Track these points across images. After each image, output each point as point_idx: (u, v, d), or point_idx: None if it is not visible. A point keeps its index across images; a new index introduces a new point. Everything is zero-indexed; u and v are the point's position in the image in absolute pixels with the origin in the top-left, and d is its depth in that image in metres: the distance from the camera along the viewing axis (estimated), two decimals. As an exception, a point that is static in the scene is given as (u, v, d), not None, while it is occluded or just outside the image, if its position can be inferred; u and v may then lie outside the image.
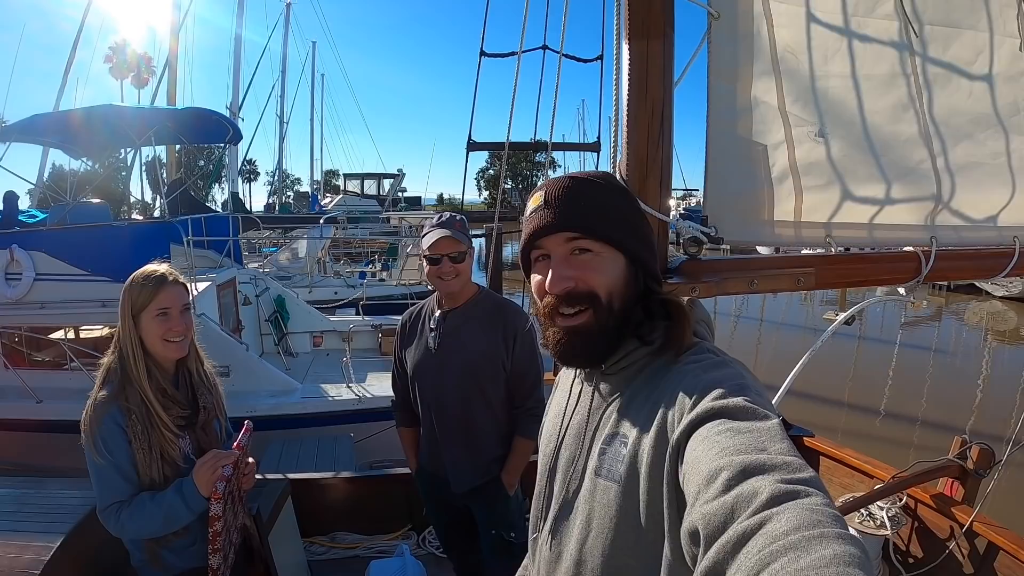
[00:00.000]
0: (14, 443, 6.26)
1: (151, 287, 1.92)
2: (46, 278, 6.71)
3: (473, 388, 2.50)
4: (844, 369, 11.88)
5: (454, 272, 2.46)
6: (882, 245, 1.92)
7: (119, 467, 1.83)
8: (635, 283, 1.09)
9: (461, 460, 2.57)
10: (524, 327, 2.53)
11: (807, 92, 1.85)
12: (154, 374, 1.93)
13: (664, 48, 1.85)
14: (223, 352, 6.32)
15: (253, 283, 8.89)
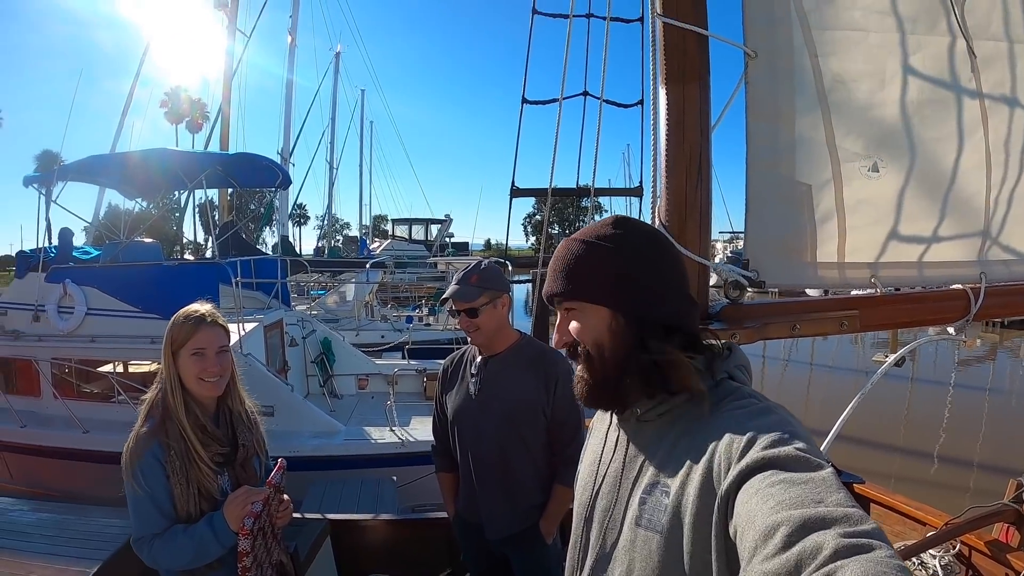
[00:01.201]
0: (59, 470, 6.39)
1: (189, 327, 1.97)
2: (97, 313, 6.92)
3: (512, 434, 2.47)
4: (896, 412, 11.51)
5: (473, 326, 2.47)
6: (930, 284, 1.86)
7: (156, 500, 1.86)
8: (628, 332, 1.10)
9: (498, 507, 2.53)
10: (566, 374, 2.48)
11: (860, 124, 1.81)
12: (193, 410, 1.96)
13: (700, 92, 1.85)
14: (268, 392, 6.39)
15: (300, 325, 8.98)
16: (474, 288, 2.43)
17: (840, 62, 1.78)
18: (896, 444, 9.94)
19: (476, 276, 2.47)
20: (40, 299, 7.27)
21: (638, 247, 1.13)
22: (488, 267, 2.53)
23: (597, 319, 1.11)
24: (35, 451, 6.67)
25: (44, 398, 7.04)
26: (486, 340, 2.51)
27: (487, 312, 2.45)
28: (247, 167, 8.93)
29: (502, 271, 2.60)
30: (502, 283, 2.53)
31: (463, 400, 2.57)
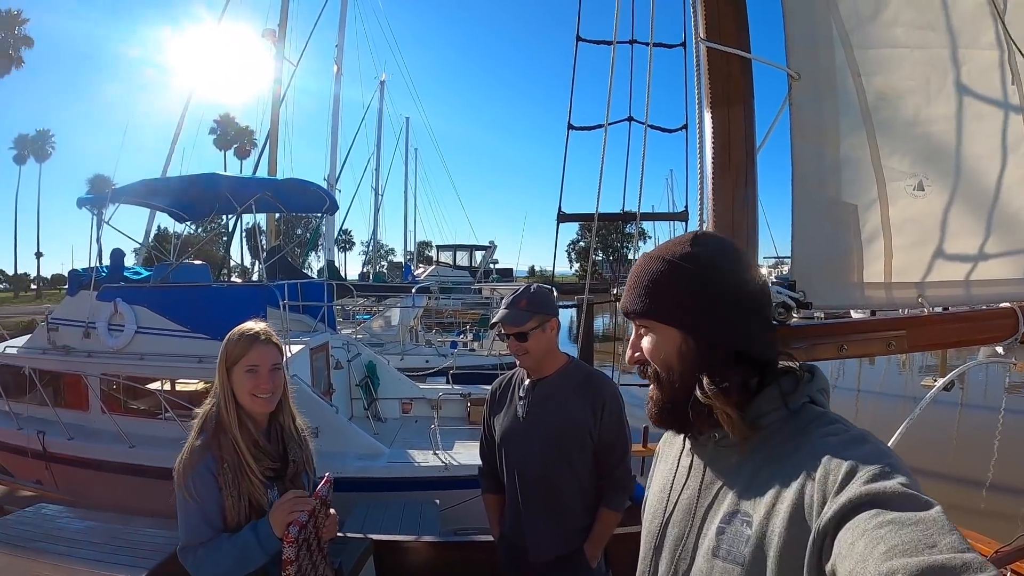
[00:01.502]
0: (104, 483, 6.53)
1: (244, 344, 2.01)
2: (147, 331, 7.13)
3: (559, 457, 2.47)
4: (945, 438, 11.22)
5: (522, 350, 2.50)
6: (979, 303, 1.83)
7: (205, 511, 1.89)
8: (698, 356, 1.06)
9: (543, 529, 2.52)
10: (613, 397, 2.50)
11: (905, 142, 1.80)
12: (246, 425, 2.01)
13: (745, 114, 1.86)
14: (313, 413, 6.35)
15: (345, 348, 9.09)
16: (523, 312, 2.47)
17: (884, 80, 1.77)
18: (945, 471, 9.66)
19: (525, 300, 2.51)
20: (91, 316, 7.51)
21: (713, 268, 1.09)
22: (537, 291, 2.56)
23: (667, 340, 1.09)
24: (82, 463, 6.84)
25: (92, 412, 7.25)
26: (535, 363, 2.53)
27: (536, 336, 2.48)
28: (295, 192, 9.11)
29: (551, 295, 2.62)
30: (551, 307, 2.55)
31: (511, 422, 2.59)
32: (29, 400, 7.72)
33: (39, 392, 7.36)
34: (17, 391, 7.91)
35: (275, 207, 9.82)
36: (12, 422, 7.53)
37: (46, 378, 7.58)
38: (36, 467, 7.11)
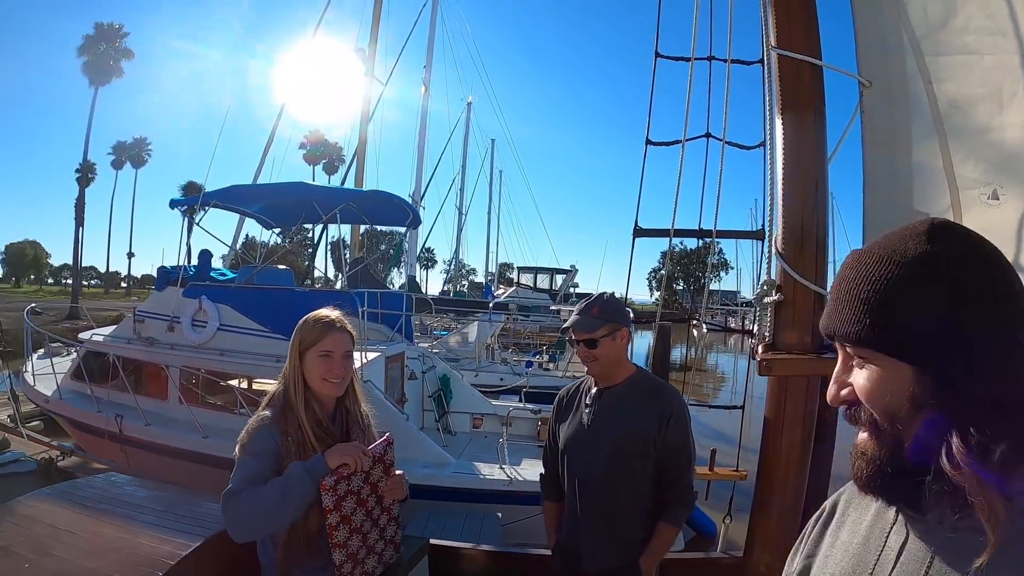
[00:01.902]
0: (175, 469, 6.77)
1: (320, 329, 2.09)
2: (228, 329, 7.44)
3: (621, 466, 2.44)
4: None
5: (591, 357, 2.48)
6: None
7: (261, 469, 1.94)
8: (942, 404, 0.74)
9: (599, 538, 2.49)
10: (680, 409, 2.46)
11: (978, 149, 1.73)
12: (312, 406, 2.07)
13: (816, 121, 1.83)
14: (383, 419, 6.43)
15: (421, 360, 9.20)
16: (595, 319, 2.46)
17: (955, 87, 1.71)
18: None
19: (598, 308, 2.49)
20: (176, 311, 7.91)
21: (970, 275, 0.75)
22: (610, 299, 2.55)
23: (895, 377, 0.77)
24: (155, 448, 7.14)
25: (170, 402, 7.58)
26: (603, 371, 2.51)
27: (606, 344, 2.46)
28: (379, 204, 9.34)
29: (623, 305, 2.60)
30: (623, 316, 2.53)
31: (575, 430, 2.58)
32: (111, 385, 8.12)
33: (121, 379, 7.73)
34: (100, 376, 8.35)
35: (359, 218, 10.10)
36: (93, 405, 7.95)
37: (129, 366, 7.96)
38: (111, 448, 7.46)
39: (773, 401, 2.14)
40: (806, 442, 2.11)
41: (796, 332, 2.07)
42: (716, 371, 29.05)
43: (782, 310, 2.08)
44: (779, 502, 2.17)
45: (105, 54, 42.75)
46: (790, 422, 2.11)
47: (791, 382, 2.10)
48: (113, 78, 43.61)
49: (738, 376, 26.03)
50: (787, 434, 2.12)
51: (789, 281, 2.01)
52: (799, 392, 2.10)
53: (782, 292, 2.03)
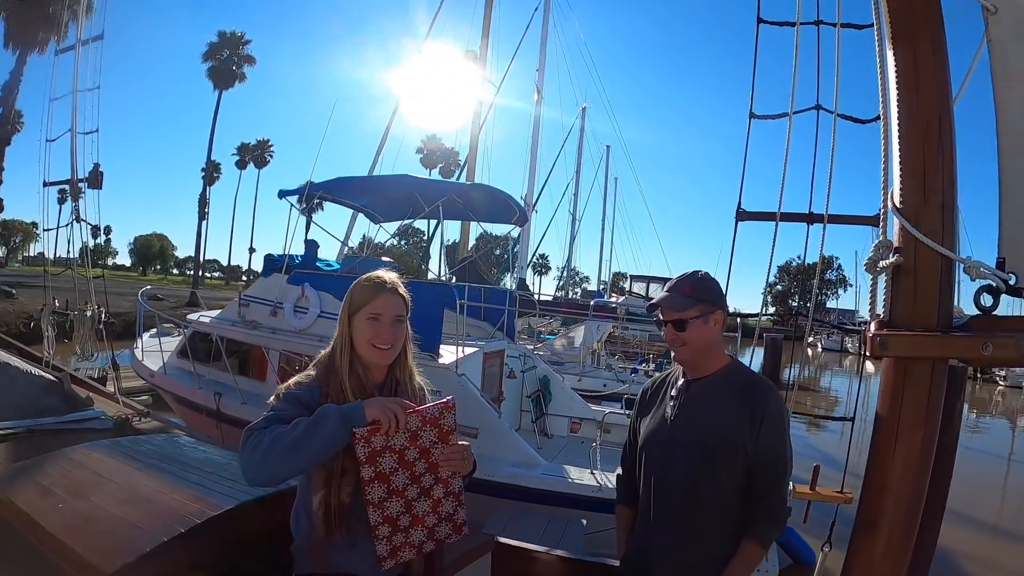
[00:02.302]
0: None
1: (370, 290, 1.96)
2: (329, 316, 7.44)
3: (704, 469, 2.13)
4: None
5: (679, 340, 2.21)
6: None
7: (288, 414, 1.78)
8: None
9: (671, 552, 2.18)
10: (777, 410, 2.13)
11: None
12: (356, 372, 1.94)
13: (934, 49, 1.53)
14: (476, 414, 6.45)
15: (521, 359, 9.04)
16: (686, 298, 2.20)
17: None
18: None
19: (690, 285, 2.23)
20: (280, 297, 8.12)
21: None
22: (705, 277, 2.28)
23: None
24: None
25: (268, 383, 7.69)
26: (691, 358, 2.24)
27: (696, 327, 2.19)
28: (484, 199, 9.29)
29: (720, 286, 2.30)
30: (718, 297, 2.25)
31: (657, 425, 2.30)
32: (212, 365, 8.49)
33: (223, 359, 8.00)
34: (204, 355, 8.73)
35: (465, 214, 10.04)
36: (194, 381, 8.30)
37: (231, 347, 8.25)
38: (208, 424, 7.71)
39: (888, 392, 1.73)
40: (928, 445, 1.69)
41: (919, 303, 1.65)
42: (828, 393, 27.60)
43: (901, 277, 1.66)
44: (888, 525, 1.76)
45: (228, 60, 45.48)
46: (909, 419, 1.70)
47: (912, 367, 1.68)
48: (236, 83, 46.21)
49: (853, 394, 24.57)
50: (905, 435, 1.71)
51: (909, 241, 1.61)
52: (922, 380, 1.67)
53: (901, 254, 1.63)
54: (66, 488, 2.38)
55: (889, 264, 1.64)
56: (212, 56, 45.47)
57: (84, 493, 2.33)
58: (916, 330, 1.63)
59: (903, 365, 1.68)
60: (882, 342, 1.67)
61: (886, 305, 1.71)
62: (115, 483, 2.45)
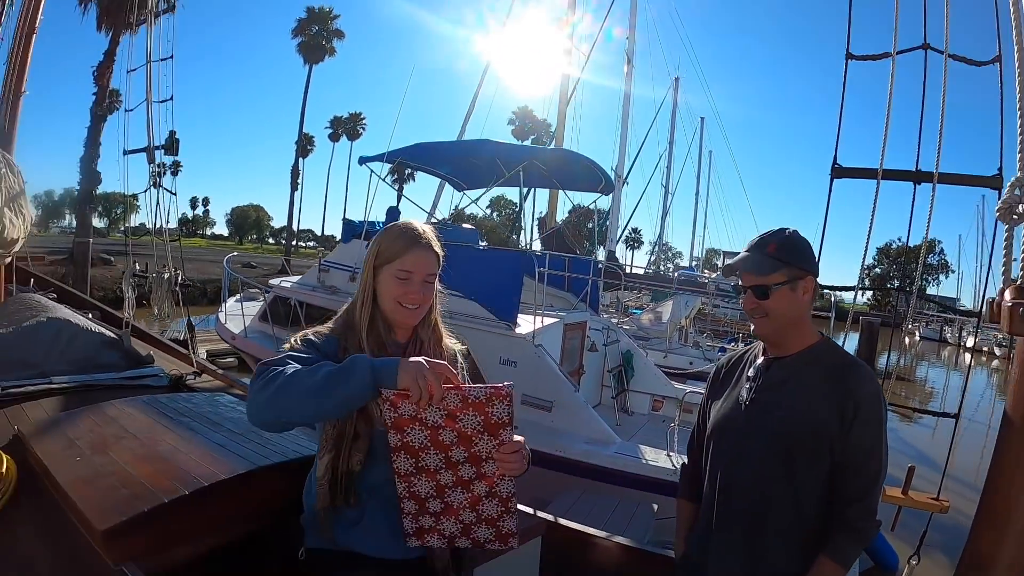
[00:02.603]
0: None
1: (401, 244, 1.77)
2: None
3: (780, 465, 1.79)
4: None
5: (760, 310, 1.84)
6: None
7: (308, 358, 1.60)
8: None
9: (732, 558, 1.85)
10: (872, 399, 1.74)
11: None
12: (377, 328, 1.79)
13: None
14: (550, 387, 6.23)
15: (604, 332, 8.75)
16: (770, 259, 1.83)
17: None
18: None
19: (775, 244, 1.84)
20: (358, 263, 7.96)
21: None
22: (793, 235, 1.88)
23: None
24: None
25: None
26: (774, 332, 1.88)
27: (781, 294, 1.82)
28: (568, 165, 8.95)
29: (811, 247, 1.89)
30: (809, 260, 1.86)
31: (730, 409, 1.95)
32: (291, 329, 8.39)
33: (302, 323, 7.98)
34: (283, 319, 8.80)
35: (549, 181, 9.72)
36: (272, 344, 8.35)
37: (310, 312, 8.25)
38: None
39: (1021, 386, 1.30)
40: None
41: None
42: (925, 385, 25.92)
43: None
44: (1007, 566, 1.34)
45: (317, 35, 46.39)
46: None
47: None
48: (325, 57, 47.15)
49: (950, 389, 22.84)
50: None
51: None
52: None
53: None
54: (89, 442, 2.31)
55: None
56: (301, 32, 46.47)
57: (105, 448, 2.26)
58: None
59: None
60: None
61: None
62: (137, 439, 2.36)
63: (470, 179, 9.87)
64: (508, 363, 6.45)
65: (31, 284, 5.11)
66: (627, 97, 18.10)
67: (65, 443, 2.33)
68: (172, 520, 1.87)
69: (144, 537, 1.80)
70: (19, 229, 4.35)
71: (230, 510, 2.02)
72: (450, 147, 8.80)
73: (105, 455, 2.19)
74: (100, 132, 26.29)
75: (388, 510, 1.67)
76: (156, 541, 1.83)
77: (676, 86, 28.49)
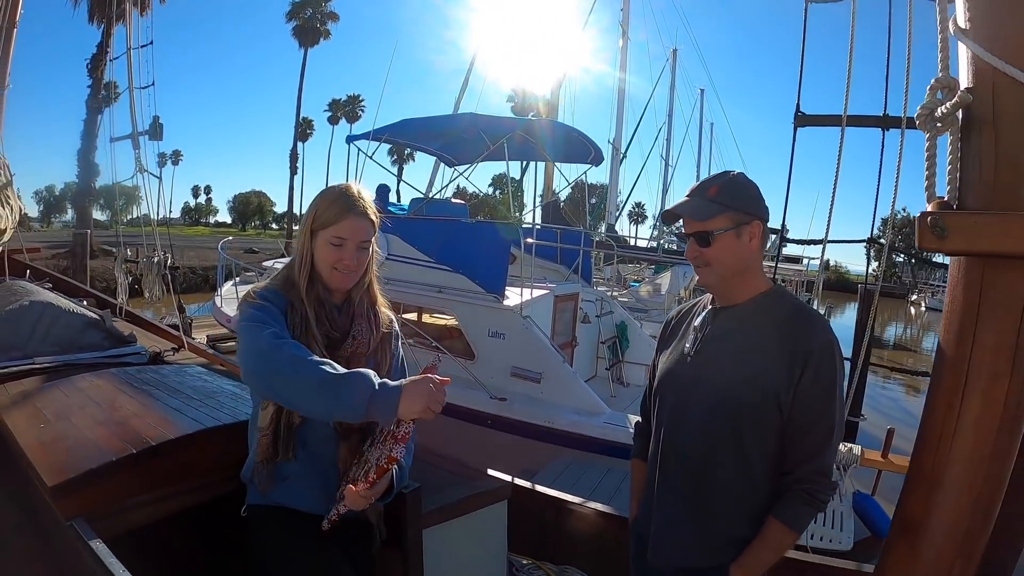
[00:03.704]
0: None
1: (336, 210, 1.80)
2: (396, 259, 7.34)
3: (725, 424, 1.68)
4: None
5: (701, 259, 1.73)
6: None
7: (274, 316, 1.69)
8: None
9: (676, 524, 1.78)
10: (825, 351, 1.62)
11: None
12: (316, 289, 1.83)
13: None
14: (539, 358, 6.25)
15: (596, 303, 8.72)
16: (711, 203, 1.70)
17: None
18: None
19: (717, 188, 1.71)
20: None
21: None
22: (737, 178, 1.75)
23: None
24: None
25: None
26: (719, 282, 1.76)
27: (725, 241, 1.69)
28: (554, 136, 8.88)
29: (758, 191, 1.76)
30: (754, 204, 1.73)
31: (675, 362, 1.84)
32: None
33: None
34: None
35: (537, 153, 9.64)
36: None
37: None
38: None
39: (954, 314, 1.24)
40: (1019, 404, 1.18)
41: (1004, 171, 1.14)
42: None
43: (972, 132, 1.17)
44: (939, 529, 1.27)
45: (312, 18, 46.29)
46: (986, 360, 1.20)
47: (992, 271, 1.18)
48: (321, 40, 47.17)
49: None
50: (978, 385, 1.19)
51: (986, 76, 1.11)
52: (1011, 290, 1.17)
53: (973, 96, 1.12)
54: (55, 411, 2.40)
55: (951, 110, 1.13)
56: (295, 15, 46.36)
57: (69, 415, 2.35)
58: (999, 208, 1.14)
59: (977, 267, 1.19)
60: (940, 226, 1.16)
61: (952, 180, 1.22)
62: (100, 407, 2.43)
63: (460, 154, 9.83)
64: (497, 335, 6.48)
65: (27, 275, 5.14)
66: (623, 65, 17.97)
67: (32, 412, 2.42)
68: (120, 477, 1.93)
69: (92, 493, 1.86)
70: (6, 220, 4.39)
71: (180, 469, 2.07)
72: (436, 122, 8.72)
73: (67, 421, 2.28)
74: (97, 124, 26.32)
75: (321, 467, 1.77)
76: (105, 498, 1.90)
77: (674, 57, 28.13)
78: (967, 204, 1.21)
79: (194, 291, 22.80)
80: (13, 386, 2.83)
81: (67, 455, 1.99)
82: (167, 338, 4.73)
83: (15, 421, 2.32)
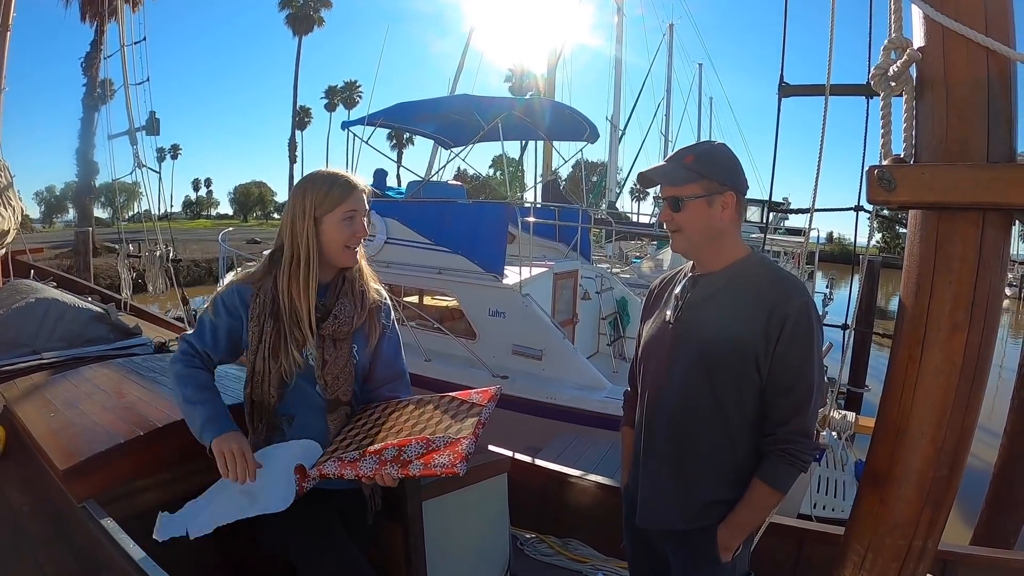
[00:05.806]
0: None
1: (340, 191, 1.85)
2: (395, 242, 7.42)
3: (705, 387, 1.72)
4: None
5: (674, 224, 1.77)
6: None
7: (215, 328, 1.88)
8: None
9: (659, 486, 1.82)
10: (801, 314, 1.64)
11: None
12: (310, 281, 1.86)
13: None
14: (539, 335, 6.29)
15: (597, 280, 8.74)
16: (685, 169, 1.72)
17: None
18: None
19: (693, 156, 1.73)
20: None
21: None
22: (715, 148, 1.77)
23: None
24: None
25: None
26: (691, 248, 1.79)
27: (696, 208, 1.72)
28: (548, 114, 8.86)
29: (736, 161, 1.79)
30: (728, 174, 1.74)
31: (657, 329, 1.88)
32: None
33: None
34: None
35: (532, 132, 9.64)
36: None
37: None
38: None
39: (912, 263, 1.28)
40: (981, 354, 1.23)
41: (955, 126, 1.18)
42: None
43: (924, 90, 1.21)
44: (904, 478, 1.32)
45: (304, 6, 46.21)
46: (944, 311, 1.25)
47: (946, 223, 1.22)
48: (315, 27, 47.17)
49: None
50: (938, 337, 1.24)
51: (935, 33, 1.15)
52: (965, 242, 1.21)
53: (924, 55, 1.16)
54: (64, 400, 2.49)
55: (902, 68, 1.17)
56: (288, 3, 46.21)
57: (77, 403, 2.43)
58: (950, 160, 1.18)
59: (931, 222, 1.23)
60: (887, 178, 1.20)
61: (908, 138, 1.26)
62: (107, 395, 2.52)
63: (456, 136, 9.80)
64: (497, 314, 6.51)
65: (31, 275, 5.20)
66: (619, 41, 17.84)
67: (42, 403, 2.50)
68: (129, 460, 2.02)
69: (102, 475, 1.95)
70: (8, 221, 4.44)
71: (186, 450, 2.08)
72: (430, 105, 8.68)
73: (76, 409, 2.37)
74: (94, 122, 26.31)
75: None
76: (115, 480, 1.97)
77: (671, 32, 27.94)
78: (922, 161, 1.25)
79: (198, 284, 22.91)
80: (22, 381, 2.89)
81: (77, 440, 2.07)
82: (172, 330, 4.79)
83: (26, 411, 2.40)
